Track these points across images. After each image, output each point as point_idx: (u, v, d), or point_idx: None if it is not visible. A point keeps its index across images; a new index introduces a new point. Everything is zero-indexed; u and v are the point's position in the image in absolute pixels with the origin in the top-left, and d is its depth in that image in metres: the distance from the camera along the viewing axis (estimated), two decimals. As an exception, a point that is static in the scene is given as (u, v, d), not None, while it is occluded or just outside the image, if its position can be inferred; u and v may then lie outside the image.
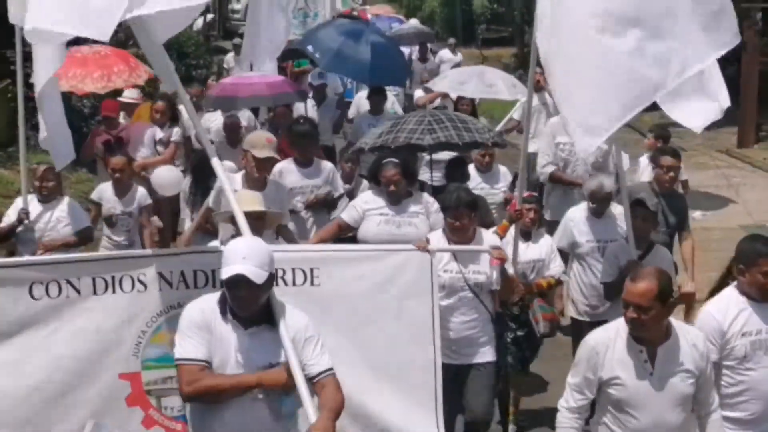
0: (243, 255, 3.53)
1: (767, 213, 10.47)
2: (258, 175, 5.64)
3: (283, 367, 3.59)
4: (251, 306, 3.58)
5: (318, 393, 3.62)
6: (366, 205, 5.75)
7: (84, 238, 6.38)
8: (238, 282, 3.49)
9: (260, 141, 5.68)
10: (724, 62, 4.53)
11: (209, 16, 27.71)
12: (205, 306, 3.67)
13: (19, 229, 6.08)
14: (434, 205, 5.68)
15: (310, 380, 3.63)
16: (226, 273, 3.51)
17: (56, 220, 6.21)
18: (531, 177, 7.20)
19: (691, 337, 3.80)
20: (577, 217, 6.05)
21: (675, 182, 6.37)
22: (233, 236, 4.60)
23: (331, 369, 3.68)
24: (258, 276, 3.49)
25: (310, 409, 3.53)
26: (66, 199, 6.47)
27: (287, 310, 3.71)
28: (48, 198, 6.25)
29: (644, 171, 7.52)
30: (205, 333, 3.58)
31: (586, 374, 3.80)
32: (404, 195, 5.74)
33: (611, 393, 3.77)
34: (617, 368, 3.73)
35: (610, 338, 3.78)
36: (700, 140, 14.03)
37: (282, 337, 3.61)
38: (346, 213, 5.84)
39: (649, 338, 3.71)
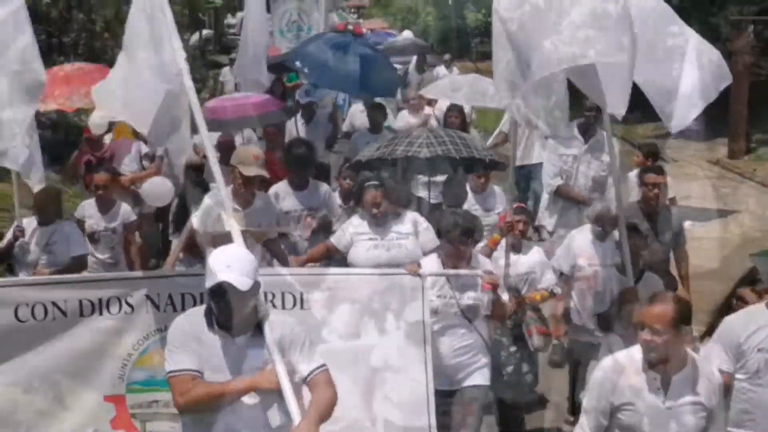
0: (227, 263, 3.52)
1: (757, 223, 10.53)
2: (245, 191, 5.63)
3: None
4: (237, 314, 3.55)
5: (311, 391, 3.60)
6: (354, 230, 5.65)
7: (76, 267, 6.12)
8: (223, 290, 3.49)
9: (248, 158, 5.61)
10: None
11: (205, 32, 27.74)
12: (192, 318, 3.67)
13: (15, 250, 5.95)
14: (423, 224, 5.62)
15: (303, 381, 3.61)
16: (210, 282, 3.50)
17: (54, 243, 6.08)
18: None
19: (706, 370, 3.75)
20: (580, 239, 5.93)
21: (663, 198, 6.36)
22: None
23: (323, 365, 3.66)
24: (242, 284, 3.48)
25: (294, 412, 3.50)
26: (65, 223, 6.34)
27: (272, 316, 3.70)
28: (46, 220, 6.12)
29: (634, 188, 7.52)
30: (193, 344, 3.56)
31: (600, 400, 3.75)
32: (390, 217, 5.65)
33: (621, 418, 3.72)
34: (630, 394, 3.69)
35: (624, 364, 3.74)
36: (691, 151, 14.11)
37: (267, 341, 3.59)
38: (336, 236, 5.75)
39: (664, 365, 3.65)
